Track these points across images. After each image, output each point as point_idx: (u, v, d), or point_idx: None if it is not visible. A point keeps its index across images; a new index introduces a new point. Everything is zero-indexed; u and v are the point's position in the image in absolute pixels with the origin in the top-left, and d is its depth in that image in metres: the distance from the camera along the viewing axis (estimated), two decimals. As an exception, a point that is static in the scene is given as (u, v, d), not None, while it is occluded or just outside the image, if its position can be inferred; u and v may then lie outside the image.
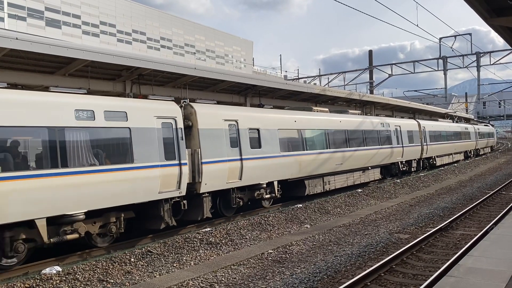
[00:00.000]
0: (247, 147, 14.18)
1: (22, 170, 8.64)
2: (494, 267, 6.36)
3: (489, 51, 39.45)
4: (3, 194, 8.22)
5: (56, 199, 9.04)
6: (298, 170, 16.57)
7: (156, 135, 11.27)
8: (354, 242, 10.70)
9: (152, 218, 11.51)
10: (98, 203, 9.84)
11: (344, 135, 19.90)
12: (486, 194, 18.22)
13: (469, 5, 10.13)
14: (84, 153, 9.73)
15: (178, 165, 11.65)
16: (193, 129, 12.61)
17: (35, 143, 9.07)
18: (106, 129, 10.22)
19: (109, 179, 10.05)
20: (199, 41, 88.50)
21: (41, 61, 11.99)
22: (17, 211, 8.46)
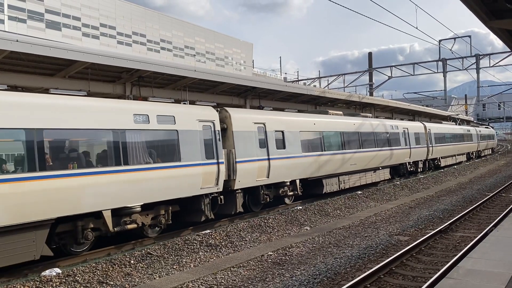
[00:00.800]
0: (274, 147, 15.38)
1: (92, 167, 9.92)
2: (493, 269, 6.37)
3: (489, 53, 39.55)
4: (79, 188, 9.46)
5: (119, 192, 10.28)
6: (317, 169, 17.69)
7: (198, 137, 12.57)
8: (354, 244, 10.70)
9: (194, 211, 12.71)
10: (152, 197, 11.07)
11: (357, 137, 21.01)
12: (485, 196, 18.22)
13: (468, 8, 10.16)
14: (141, 152, 10.97)
15: (216, 163, 12.93)
16: (228, 131, 13.88)
17: (102, 144, 10.36)
18: (158, 131, 11.53)
19: (161, 175, 11.28)
20: (199, 43, 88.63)
21: (41, 63, 12.02)
22: (89, 203, 9.66)
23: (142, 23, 75.83)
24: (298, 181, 16.65)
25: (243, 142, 14.10)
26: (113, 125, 10.38)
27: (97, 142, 10.46)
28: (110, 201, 10.09)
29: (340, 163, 19.24)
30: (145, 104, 11.89)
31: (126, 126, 10.64)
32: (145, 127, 11.11)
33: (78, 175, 9.49)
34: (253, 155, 14.40)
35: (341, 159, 19.29)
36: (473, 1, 9.90)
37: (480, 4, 10.22)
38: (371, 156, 21.89)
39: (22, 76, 12.20)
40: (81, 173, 9.55)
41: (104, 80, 14.14)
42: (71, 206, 9.35)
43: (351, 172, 20.36)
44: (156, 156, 11.34)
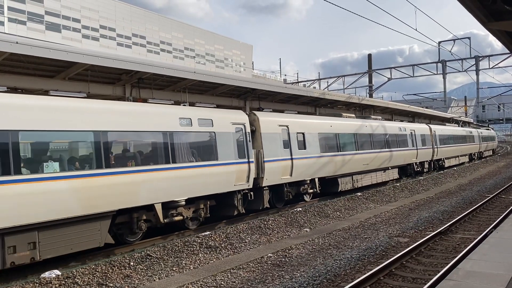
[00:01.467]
0: (296, 148, 16.57)
1: (147, 165, 11.10)
2: (493, 271, 6.36)
3: (488, 55, 39.60)
4: (136, 183, 10.69)
5: (168, 188, 11.52)
6: (334, 169, 18.94)
7: (232, 138, 13.85)
8: (353, 245, 10.69)
9: (228, 206, 14.04)
10: (194, 192, 12.39)
11: (369, 138, 22.24)
12: (485, 197, 18.22)
13: (467, 10, 10.17)
14: (185, 152, 12.23)
15: (247, 162, 14.17)
16: (256, 133, 15.10)
17: (155, 144, 11.54)
18: (199, 133, 12.83)
19: (202, 173, 12.57)
20: (199, 45, 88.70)
21: (41, 65, 12.02)
22: (144, 197, 10.88)
23: (142, 25, 75.91)
24: (317, 179, 17.94)
25: (269, 143, 15.33)
26: (164, 127, 11.70)
27: (150, 142, 11.54)
28: (161, 196, 11.40)
29: (354, 163, 20.37)
30: (188, 109, 13.25)
31: (174, 129, 11.96)
32: (188, 129, 12.44)
33: (136, 172, 10.79)
34: (278, 155, 15.63)
35: (354, 160, 20.43)
36: (472, 3, 9.92)
37: (479, 6, 10.24)
38: (382, 156, 23.08)
39: (22, 78, 12.20)
40: (138, 170, 10.86)
41: (104, 81, 14.15)
42: (130, 199, 10.61)
43: (363, 171, 21.54)
44: (197, 155, 12.64)
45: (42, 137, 9.48)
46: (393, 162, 24.51)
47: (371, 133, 22.49)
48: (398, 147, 25.16)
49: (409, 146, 26.62)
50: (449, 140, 35.24)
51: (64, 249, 9.44)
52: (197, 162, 12.51)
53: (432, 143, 30.61)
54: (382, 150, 23.11)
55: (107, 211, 10.13)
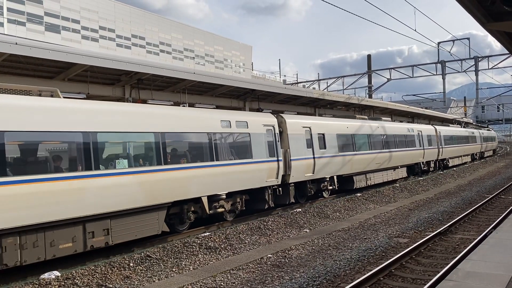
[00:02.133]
0: (317, 148, 17.90)
1: (196, 162, 12.52)
2: (492, 271, 6.37)
3: (487, 56, 39.62)
4: (188, 178, 12.09)
5: (213, 183, 12.91)
6: (350, 167, 20.21)
7: (264, 139, 15.18)
8: (353, 246, 10.69)
9: (259, 200, 15.28)
10: (233, 187, 13.73)
11: (381, 139, 23.61)
12: (485, 198, 18.22)
13: (466, 10, 10.17)
14: (226, 151, 13.60)
15: (277, 161, 15.52)
16: (284, 134, 16.33)
17: (201, 143, 12.90)
18: (237, 133, 14.26)
19: (240, 170, 13.92)
20: (198, 45, 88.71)
21: (40, 66, 12.03)
22: (193, 190, 12.26)
23: (141, 25, 75.89)
24: (335, 177, 19.29)
25: (295, 143, 16.64)
26: (209, 129, 13.10)
27: (198, 142, 12.86)
28: (207, 189, 12.77)
29: (368, 162, 21.81)
30: (228, 113, 14.74)
31: (216, 130, 13.35)
32: (228, 130, 13.87)
33: (188, 168, 12.19)
34: (303, 154, 16.94)
35: (368, 159, 21.87)
36: (471, 4, 9.92)
37: (478, 7, 10.24)
38: (392, 156, 24.45)
39: (21, 79, 12.21)
40: (189, 166, 12.26)
41: (103, 82, 14.16)
42: (183, 192, 11.99)
43: (376, 170, 22.82)
44: (235, 154, 13.95)
45: (117, 137, 10.84)
46: (402, 162, 25.83)
47: (383, 134, 23.83)
48: (407, 147, 26.49)
49: (416, 146, 27.97)
50: (453, 140, 36.58)
51: (130, 236, 10.72)
52: (235, 160, 13.91)
53: (437, 144, 31.89)
54: (392, 150, 24.44)
55: (164, 202, 11.50)
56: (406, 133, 26.86)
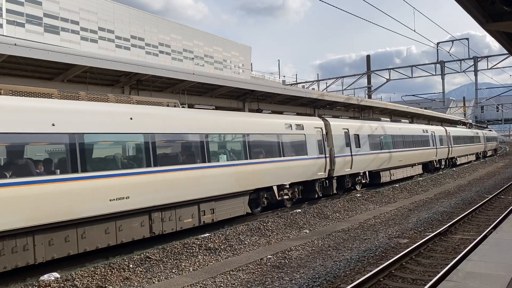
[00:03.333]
0: (354, 146, 20.61)
1: (269, 158, 15.26)
2: (492, 272, 6.36)
3: (486, 56, 39.60)
4: (264, 170, 15.02)
5: (280, 174, 15.81)
6: (378, 164, 22.96)
7: (315, 139, 17.91)
8: (353, 247, 10.68)
9: (310, 191, 17.96)
10: (294, 178, 16.55)
11: (402, 139, 26.28)
12: (484, 198, 18.22)
13: (466, 11, 10.19)
14: (288, 148, 16.34)
15: (324, 157, 18.30)
16: (328, 134, 19.00)
17: (272, 142, 15.77)
18: (296, 134, 16.95)
19: (299, 164, 16.73)
20: (198, 46, 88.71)
21: (39, 67, 12.02)
22: (268, 180, 15.27)
23: (140, 26, 75.86)
24: (367, 172, 22.02)
25: (338, 142, 19.32)
26: (277, 131, 16.03)
27: (271, 141, 15.69)
28: (277, 180, 15.69)
29: (392, 159, 24.49)
30: (288, 117, 17.86)
31: (281, 132, 16.22)
32: (290, 131, 16.66)
33: (264, 162, 15.04)
34: (343, 152, 19.63)
35: (392, 157, 24.56)
36: (470, 4, 9.93)
37: (477, 7, 10.25)
38: (411, 154, 27.27)
39: (20, 80, 12.20)
40: (265, 161, 15.08)
41: (102, 84, 14.15)
42: (261, 181, 14.95)
43: (398, 167, 25.59)
44: (295, 151, 16.64)
45: (220, 137, 14.09)
46: (419, 159, 28.72)
47: (403, 135, 26.55)
48: (423, 146, 29.37)
49: (430, 145, 30.92)
50: (461, 140, 39.67)
51: (226, 215, 13.66)
52: (295, 156, 16.66)
53: (447, 143, 34.91)
54: (411, 149, 27.28)
55: (248, 189, 14.44)
56: (422, 134, 29.71)
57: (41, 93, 9.77)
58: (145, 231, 11.16)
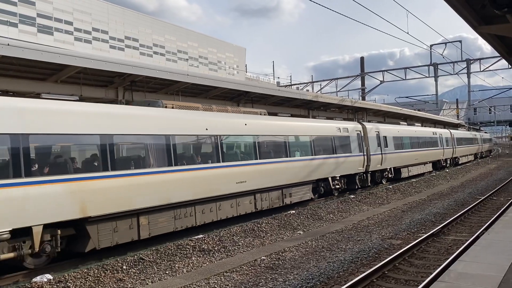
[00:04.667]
0: (383, 146, 24.49)
1: (326, 154, 19.11)
2: (484, 272, 6.41)
3: (479, 58, 39.93)
4: (324, 164, 18.76)
5: (333, 168, 19.59)
6: (400, 161, 27.01)
7: (356, 139, 21.80)
8: (346, 248, 10.72)
9: (351, 183, 21.61)
10: (342, 171, 20.36)
11: (417, 140, 30.32)
12: (477, 199, 18.36)
13: (459, 14, 10.28)
14: (338, 147, 20.10)
15: (363, 155, 22.24)
16: (365, 136, 22.75)
17: (329, 142, 19.59)
18: (343, 136, 20.77)
19: (346, 160, 20.54)
20: (192, 47, 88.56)
21: (33, 68, 11.94)
22: (325, 172, 19.05)
23: (134, 27, 75.62)
24: (392, 168, 26.05)
25: (372, 143, 23.23)
26: (331, 133, 19.94)
27: (328, 141, 19.52)
28: (331, 172, 19.49)
29: (410, 158, 28.59)
30: (338, 122, 22.04)
31: (335, 134, 20.15)
32: (339, 134, 20.42)
33: (324, 158, 18.91)
34: (376, 151, 23.57)
35: (411, 155, 28.70)
36: (463, 7, 10.02)
37: (469, 10, 10.34)
38: (425, 153, 31.46)
39: (13, 80, 12.11)
40: (324, 157, 18.94)
41: (96, 84, 14.09)
42: (320, 173, 18.65)
43: (413, 164, 29.43)
44: (343, 150, 20.38)
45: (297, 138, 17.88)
46: (429, 158, 32.93)
47: (418, 136, 30.69)
48: (433, 147, 33.77)
49: (439, 146, 35.25)
50: (463, 141, 44.01)
51: (298, 199, 17.43)
52: (343, 153, 20.37)
53: (452, 144, 39.05)
54: (424, 149, 31.45)
55: (313, 179, 18.30)
56: (432, 136, 34.06)
57: (192, 107, 13.99)
58: (252, 207, 14.94)
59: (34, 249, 8.86)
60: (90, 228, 9.91)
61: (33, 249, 8.86)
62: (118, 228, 10.59)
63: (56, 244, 9.47)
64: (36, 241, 8.80)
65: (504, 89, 56.59)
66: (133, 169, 10.97)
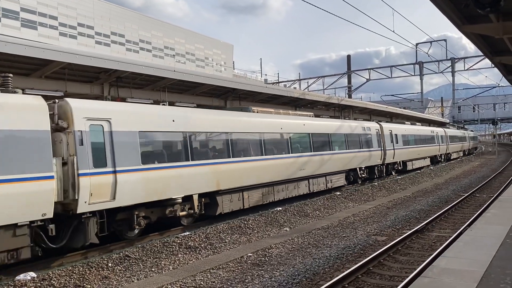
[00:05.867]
0: (395, 142, 28.76)
1: (357, 149, 23.48)
2: (466, 268, 6.53)
3: (463, 57, 40.51)
4: (353, 157, 22.99)
5: (360, 160, 23.75)
6: (407, 156, 31.57)
7: (376, 137, 26.07)
8: (332, 244, 10.81)
9: (372, 173, 25.77)
10: (366, 163, 24.53)
11: (419, 138, 34.87)
12: (460, 196, 18.64)
13: (443, 13, 10.40)
14: (363, 143, 24.31)
15: (381, 150, 26.49)
16: (382, 134, 27.05)
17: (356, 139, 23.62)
18: (366, 134, 25.01)
19: (368, 154, 24.70)
20: (179, 44, 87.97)
21: (16, 63, 11.74)
22: (355, 164, 23.20)
23: (121, 23, 74.75)
24: (401, 162, 30.69)
25: (387, 139, 27.51)
26: (359, 132, 24.29)
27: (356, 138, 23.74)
28: (359, 164, 23.73)
29: (414, 153, 33.34)
30: (362, 122, 26.34)
31: (361, 132, 24.45)
32: (363, 132, 24.78)
33: (354, 152, 23.06)
34: (390, 146, 27.83)
35: (415, 151, 33.46)
36: (447, 6, 10.14)
37: (454, 9, 10.47)
38: (425, 149, 36.21)
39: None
40: (354, 151, 23.12)
41: (81, 80, 13.93)
42: (352, 164, 22.86)
43: (416, 158, 34.05)
44: (366, 145, 24.74)
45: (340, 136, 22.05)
46: (429, 153, 37.49)
47: (420, 134, 35.11)
48: (431, 144, 38.11)
49: (435, 143, 39.57)
50: (455, 139, 49.15)
51: (336, 184, 21.67)
52: (366, 148, 24.62)
53: (446, 141, 43.73)
54: (425, 145, 36.10)
55: (346, 169, 22.55)
56: (430, 134, 38.45)
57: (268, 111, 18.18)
58: (306, 189, 19.08)
59: (194, 210, 13.09)
60: (219, 198, 14.10)
61: (193, 210, 13.09)
62: (232, 199, 14.78)
63: (201, 208, 13.59)
64: (195, 204, 13.00)
65: (488, 88, 57.50)
66: (243, 157, 15.19)
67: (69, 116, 9.89)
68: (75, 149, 9.76)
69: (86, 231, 10.04)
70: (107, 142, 10.56)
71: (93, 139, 10.25)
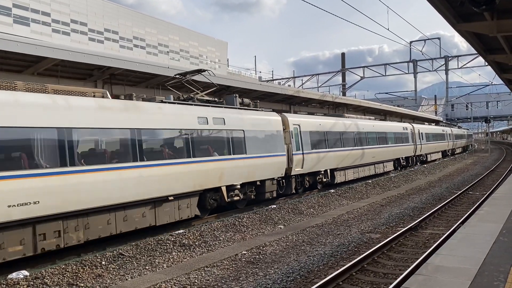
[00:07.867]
0: (420, 139, 35.45)
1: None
2: (460, 265, 6.55)
3: (457, 55, 40.68)
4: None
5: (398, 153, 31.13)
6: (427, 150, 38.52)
7: (410, 134, 33.11)
8: (326, 242, 10.82)
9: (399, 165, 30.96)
10: (403, 154, 32.03)
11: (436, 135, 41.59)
12: (454, 194, 18.74)
13: (438, 11, 10.42)
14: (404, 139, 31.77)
15: (413, 144, 33.77)
16: (414, 132, 33.89)
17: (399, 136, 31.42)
18: (405, 132, 32.04)
19: (401, 148, 31.43)
20: (173, 41, 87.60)
21: (8, 60, 11.63)
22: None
23: (114, 20, 74.32)
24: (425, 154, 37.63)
25: (417, 136, 34.57)
26: (400, 130, 31.21)
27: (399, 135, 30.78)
28: (401, 154, 31.14)
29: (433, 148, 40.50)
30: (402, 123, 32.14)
31: (401, 130, 31.37)
32: (403, 131, 31.64)
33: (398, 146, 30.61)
34: (418, 142, 34.78)
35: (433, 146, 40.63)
36: (442, 5, 10.16)
37: (448, 8, 10.50)
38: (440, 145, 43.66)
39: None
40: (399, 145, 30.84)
41: (74, 77, 13.83)
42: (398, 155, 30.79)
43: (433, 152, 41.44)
44: (405, 141, 31.46)
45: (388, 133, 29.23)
46: (441, 148, 45.03)
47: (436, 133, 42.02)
48: (442, 140, 45.44)
49: (445, 140, 47.15)
50: (457, 137, 56.67)
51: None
52: (406, 143, 31.63)
53: (452, 138, 51.03)
54: (439, 142, 43.38)
55: (394, 158, 29.51)
56: (441, 132, 45.93)
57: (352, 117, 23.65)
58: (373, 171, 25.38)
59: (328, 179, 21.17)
60: (336, 173, 21.82)
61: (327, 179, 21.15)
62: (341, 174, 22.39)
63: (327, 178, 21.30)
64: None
65: (481, 86, 57.85)
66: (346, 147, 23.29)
67: (287, 123, 18.26)
68: (290, 140, 18.14)
69: (292, 184, 18.52)
70: (299, 137, 18.80)
71: (294, 135, 18.50)
